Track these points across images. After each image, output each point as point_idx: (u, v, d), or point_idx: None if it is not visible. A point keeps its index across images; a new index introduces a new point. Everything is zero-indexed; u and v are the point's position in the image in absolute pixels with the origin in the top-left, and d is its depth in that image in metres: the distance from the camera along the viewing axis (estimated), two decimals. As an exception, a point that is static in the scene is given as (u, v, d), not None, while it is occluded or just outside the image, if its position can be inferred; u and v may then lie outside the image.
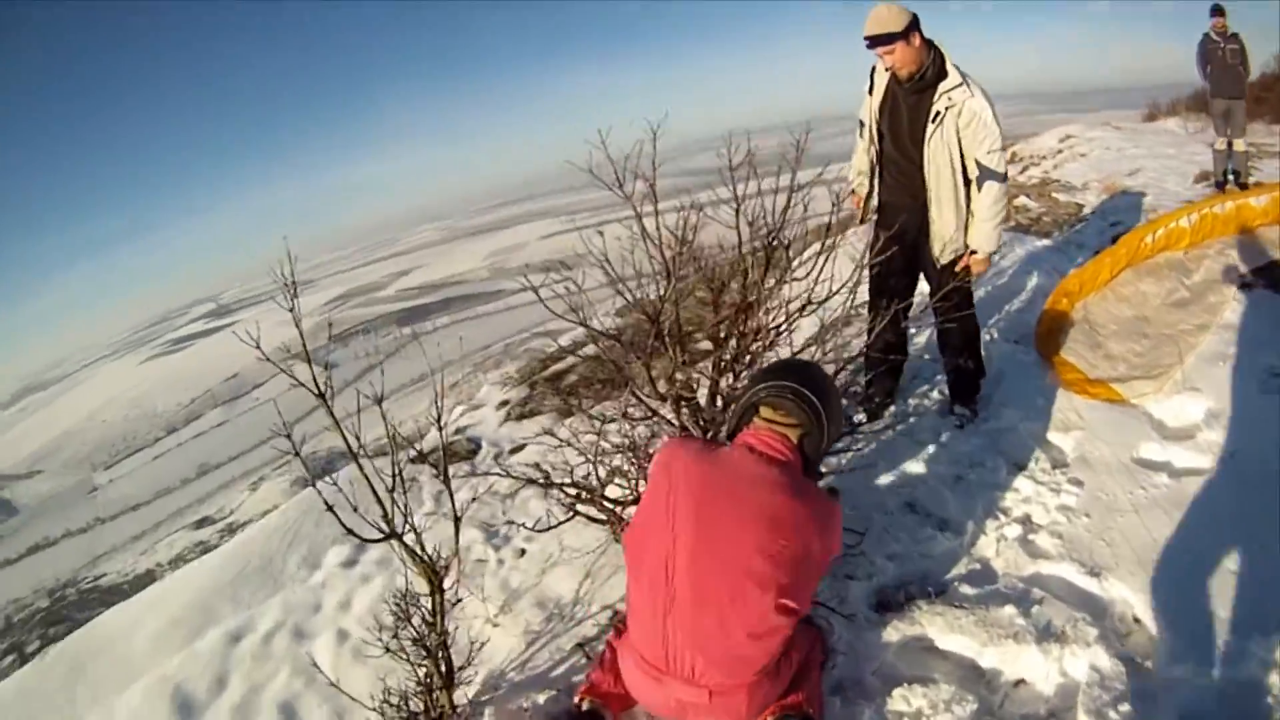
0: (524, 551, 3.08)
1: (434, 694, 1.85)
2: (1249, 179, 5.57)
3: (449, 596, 1.96)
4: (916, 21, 2.33)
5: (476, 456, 4.28)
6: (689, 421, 2.32)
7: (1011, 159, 8.87)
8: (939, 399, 3.12)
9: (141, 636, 2.80)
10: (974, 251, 2.57)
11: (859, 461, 2.67)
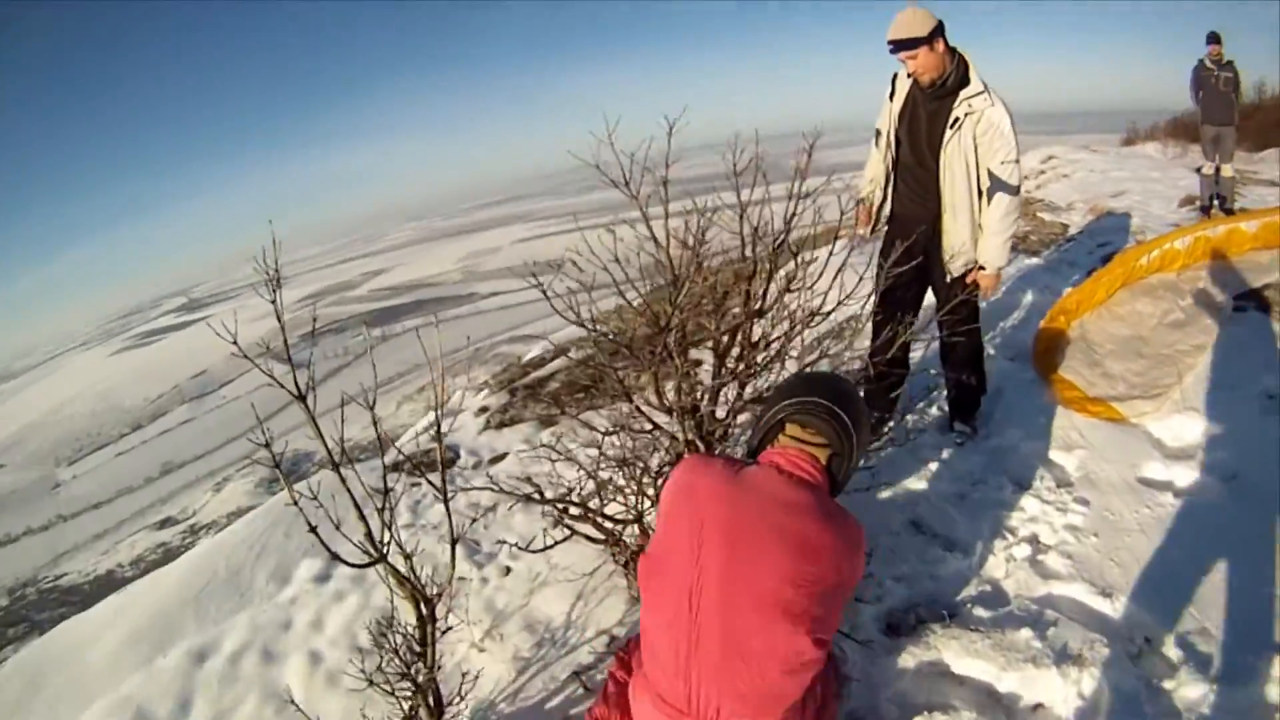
0: (509, 570, 2.99)
1: (420, 729, 1.77)
2: (1235, 204, 5.78)
3: (439, 624, 1.88)
4: (941, 27, 2.31)
5: (455, 465, 4.19)
6: (694, 434, 2.28)
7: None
8: (938, 415, 3.13)
9: (102, 650, 2.67)
10: (982, 267, 2.58)
11: (859, 478, 2.66)
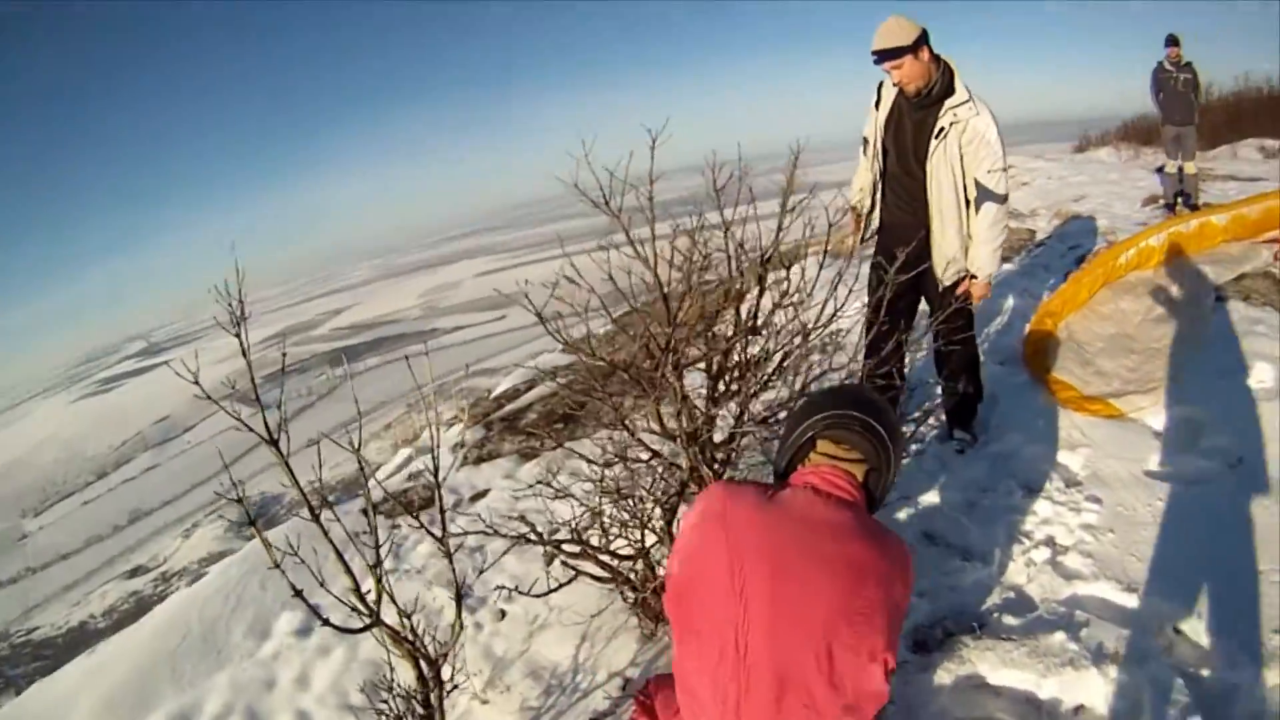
0: (504, 614, 2.88)
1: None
2: (1199, 200, 6.07)
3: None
4: (926, 36, 2.35)
5: (432, 505, 4.07)
6: (697, 461, 2.23)
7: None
8: (936, 424, 3.15)
9: (78, 718, 2.46)
10: (974, 276, 2.62)
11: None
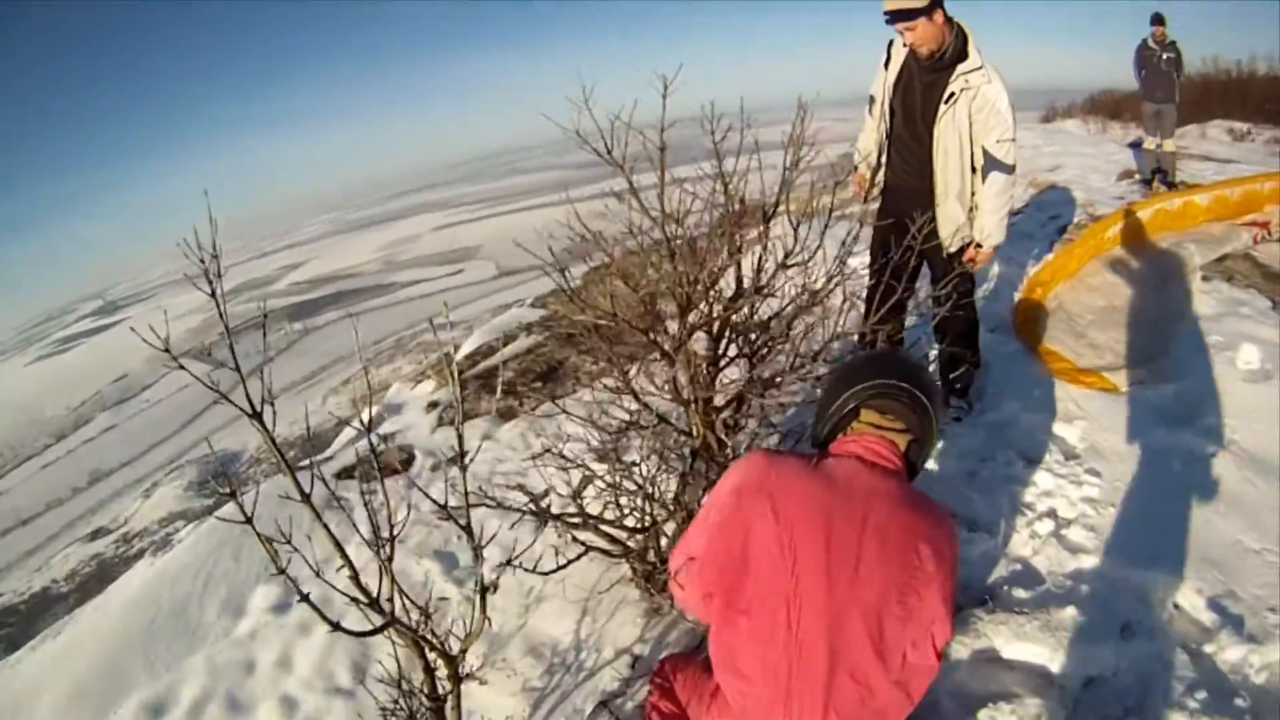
0: (495, 586, 2.81)
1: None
2: (1175, 178, 6.24)
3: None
4: None
5: (412, 468, 3.96)
6: (706, 427, 2.19)
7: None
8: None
9: (45, 709, 2.34)
10: (979, 244, 2.62)
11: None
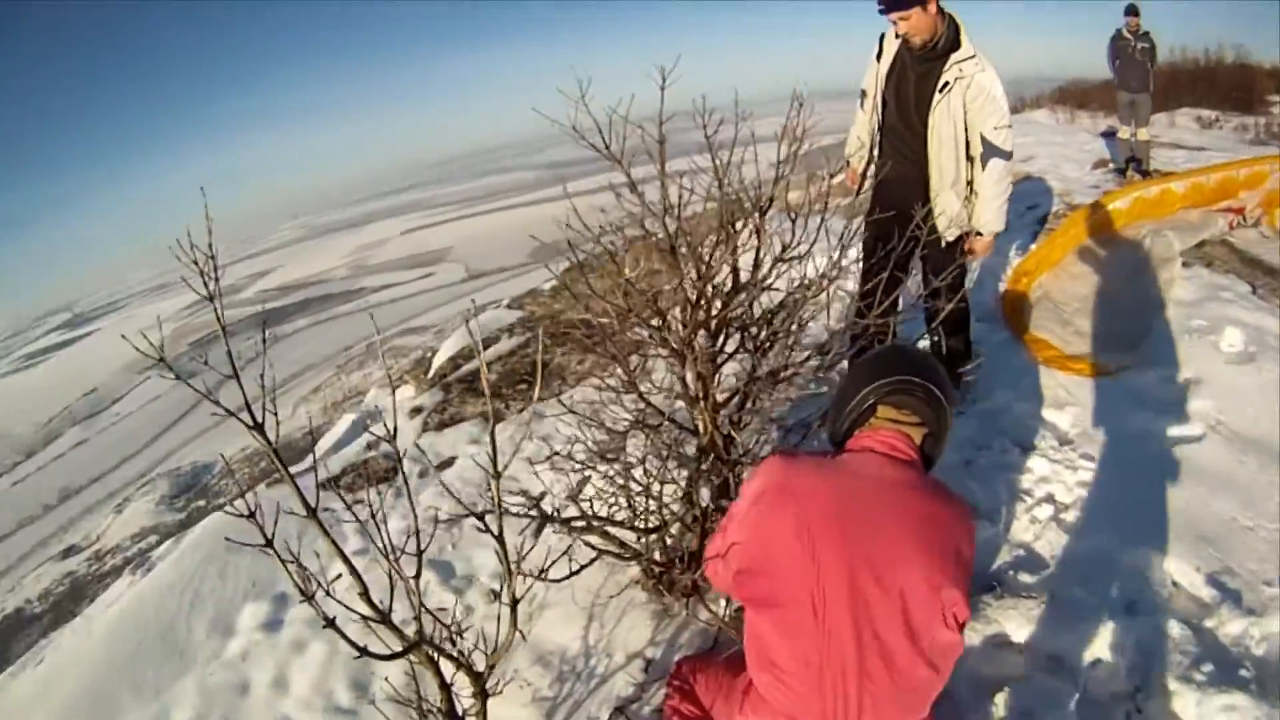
0: (496, 594, 2.80)
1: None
2: (1149, 166, 6.45)
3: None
4: None
5: (399, 476, 3.92)
6: (711, 426, 2.20)
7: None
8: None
9: None
10: (979, 233, 2.67)
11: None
